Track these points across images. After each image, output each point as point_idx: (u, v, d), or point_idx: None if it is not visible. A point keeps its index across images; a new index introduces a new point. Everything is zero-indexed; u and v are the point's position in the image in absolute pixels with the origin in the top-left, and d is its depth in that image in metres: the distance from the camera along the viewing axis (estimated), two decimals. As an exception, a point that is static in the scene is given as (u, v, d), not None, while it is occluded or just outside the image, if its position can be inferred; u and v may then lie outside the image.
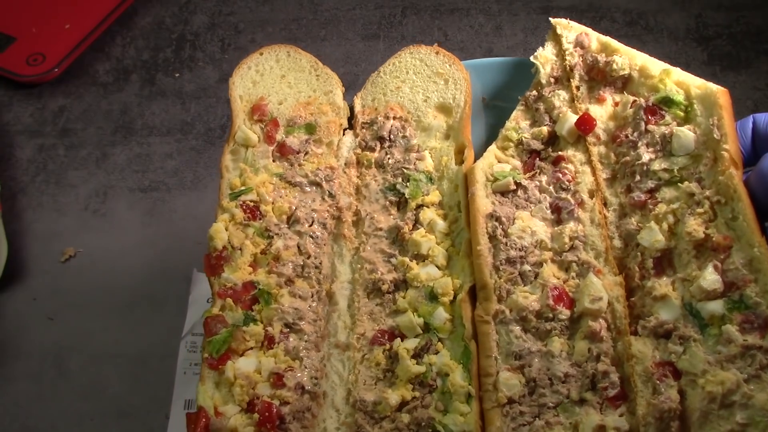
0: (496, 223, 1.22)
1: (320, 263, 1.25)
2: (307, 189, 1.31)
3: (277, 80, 1.39)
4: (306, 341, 1.19)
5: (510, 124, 1.33)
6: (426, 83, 1.38)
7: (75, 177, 1.83)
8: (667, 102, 1.23)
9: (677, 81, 1.24)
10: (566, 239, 1.20)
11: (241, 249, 1.24)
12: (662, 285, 1.12)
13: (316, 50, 1.93)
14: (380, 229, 1.29)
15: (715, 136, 1.16)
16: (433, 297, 1.21)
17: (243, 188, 1.28)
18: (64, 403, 1.50)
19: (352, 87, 1.88)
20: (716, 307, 1.07)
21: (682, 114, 1.22)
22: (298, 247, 1.26)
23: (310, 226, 1.28)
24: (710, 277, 1.08)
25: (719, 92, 1.19)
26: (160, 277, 1.64)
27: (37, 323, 1.60)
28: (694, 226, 1.12)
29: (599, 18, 1.99)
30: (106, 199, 1.78)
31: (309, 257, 1.25)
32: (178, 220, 1.74)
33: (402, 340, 1.19)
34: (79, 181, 1.82)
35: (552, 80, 1.34)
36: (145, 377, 1.51)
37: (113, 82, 1.98)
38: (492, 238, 1.22)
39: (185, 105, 1.93)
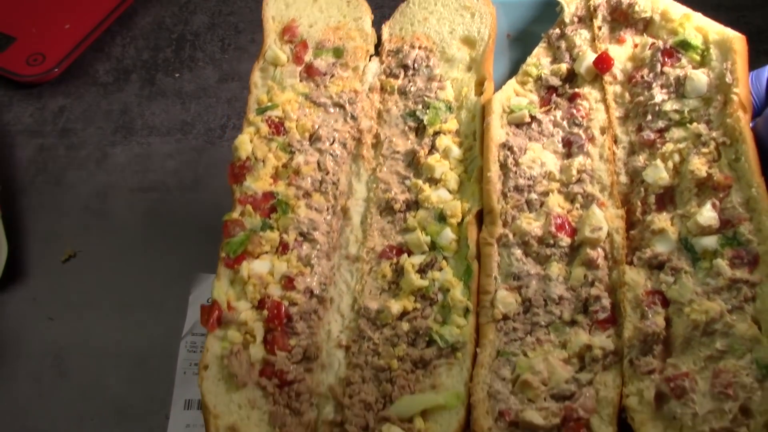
0: (508, 152, 1.27)
1: (338, 180, 1.32)
2: (331, 110, 1.37)
3: (309, 4, 1.44)
4: (318, 250, 1.26)
5: (531, 60, 1.37)
6: (453, 15, 1.42)
7: (75, 177, 1.82)
8: (685, 45, 1.25)
9: (697, 26, 1.27)
10: (574, 172, 1.24)
11: (263, 161, 1.31)
12: (661, 219, 1.16)
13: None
14: (397, 153, 1.34)
15: (727, 80, 1.19)
16: (441, 218, 1.26)
17: (269, 104, 1.34)
18: (64, 403, 1.50)
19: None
20: (710, 242, 1.11)
21: (698, 58, 1.25)
22: (318, 164, 1.32)
23: (331, 144, 1.34)
24: (707, 214, 1.12)
25: (736, 38, 1.22)
26: (160, 277, 1.61)
27: (37, 323, 1.60)
28: (698, 164, 1.15)
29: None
30: (106, 199, 1.78)
31: (327, 173, 1.32)
32: (178, 220, 1.73)
33: (409, 256, 1.25)
34: (79, 181, 1.81)
35: (575, 19, 1.37)
36: (145, 377, 1.51)
37: (113, 82, 1.98)
38: (503, 166, 1.27)
39: (185, 105, 1.92)
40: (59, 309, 1.62)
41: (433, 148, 1.33)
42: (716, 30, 1.25)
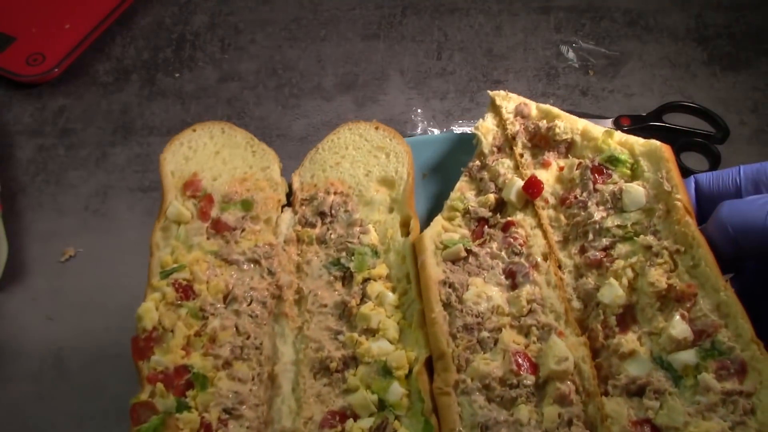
0: (450, 290, 1.15)
1: (260, 344, 1.15)
2: (245, 267, 1.22)
3: (211, 156, 1.32)
4: (247, 428, 1.07)
5: (455, 194, 1.29)
6: (367, 158, 1.34)
7: (75, 177, 1.82)
8: (613, 161, 1.21)
9: (620, 141, 1.24)
10: (524, 303, 1.13)
11: (173, 331, 1.13)
12: (629, 341, 1.06)
13: (316, 50, 1.99)
14: (325, 306, 1.20)
15: (665, 188, 1.15)
16: (386, 372, 1.11)
17: (175, 266, 1.18)
18: (64, 403, 1.49)
19: (351, 87, 1.91)
20: (688, 356, 1.01)
21: (628, 171, 1.21)
22: (236, 328, 1.15)
23: (249, 305, 1.18)
24: (679, 327, 1.03)
25: (663, 147, 1.19)
26: (160, 275, 1.60)
27: (37, 323, 1.59)
28: (656, 276, 1.08)
29: (599, 18, 2.00)
30: (106, 199, 1.78)
31: (248, 338, 1.15)
32: (179, 220, 1.73)
33: (355, 421, 1.07)
34: (79, 181, 1.81)
35: (495, 149, 1.31)
36: (146, 376, 1.42)
37: (113, 82, 1.98)
38: (446, 305, 1.14)
39: (185, 105, 1.92)
40: (59, 309, 1.61)
41: (364, 297, 1.19)
42: (641, 142, 1.22)
